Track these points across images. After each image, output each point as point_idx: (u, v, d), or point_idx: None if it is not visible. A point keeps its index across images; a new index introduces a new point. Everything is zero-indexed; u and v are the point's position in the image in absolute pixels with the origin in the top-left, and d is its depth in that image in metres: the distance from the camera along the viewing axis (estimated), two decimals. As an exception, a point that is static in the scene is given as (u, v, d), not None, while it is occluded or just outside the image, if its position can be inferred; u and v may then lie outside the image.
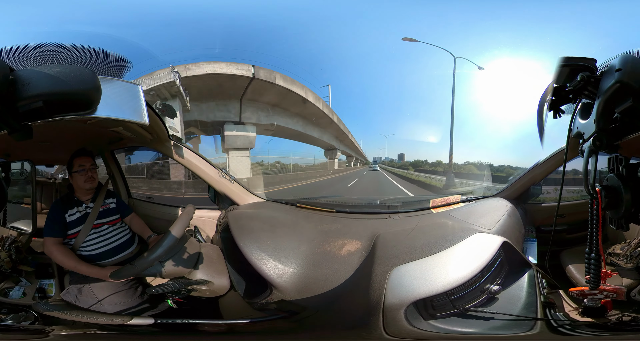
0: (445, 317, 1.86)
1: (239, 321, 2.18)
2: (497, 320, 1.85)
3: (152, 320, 2.12)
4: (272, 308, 2.07)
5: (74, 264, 2.34)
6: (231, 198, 2.95)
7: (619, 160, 1.52)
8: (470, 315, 1.88)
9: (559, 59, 1.51)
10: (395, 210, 3.01)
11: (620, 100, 1.26)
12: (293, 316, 2.06)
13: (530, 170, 3.07)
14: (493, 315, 1.87)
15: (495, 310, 1.89)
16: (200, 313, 2.29)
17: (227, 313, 2.29)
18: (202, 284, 2.12)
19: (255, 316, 2.11)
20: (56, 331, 2.07)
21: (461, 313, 1.88)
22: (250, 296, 2.14)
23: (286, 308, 2.05)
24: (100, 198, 2.57)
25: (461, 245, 2.18)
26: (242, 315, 2.16)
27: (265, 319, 2.10)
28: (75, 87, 1.24)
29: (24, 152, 2.75)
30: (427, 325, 1.82)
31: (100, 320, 2.16)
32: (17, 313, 2.26)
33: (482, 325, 1.85)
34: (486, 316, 1.87)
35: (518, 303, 1.96)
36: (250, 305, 2.13)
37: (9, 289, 2.70)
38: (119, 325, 2.13)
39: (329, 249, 2.30)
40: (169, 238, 2.02)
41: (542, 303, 1.94)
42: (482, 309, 1.91)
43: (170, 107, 2.68)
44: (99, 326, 2.15)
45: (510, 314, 1.87)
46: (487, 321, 1.86)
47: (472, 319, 1.87)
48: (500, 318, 1.86)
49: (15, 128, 1.22)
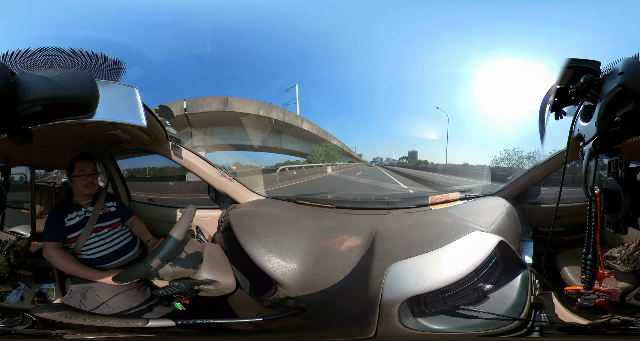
0: (433, 315, 1.88)
1: (253, 319, 2.17)
2: (482, 319, 1.87)
3: (171, 322, 2.10)
4: (281, 305, 2.08)
5: (75, 268, 2.33)
6: (232, 196, 2.96)
7: (619, 163, 1.51)
8: (457, 313, 1.89)
9: (564, 60, 1.50)
10: (394, 206, 3.01)
11: (621, 103, 1.26)
12: (301, 312, 2.07)
13: (529, 170, 3.07)
14: (477, 314, 1.88)
15: (482, 309, 1.90)
16: (213, 312, 2.28)
17: (239, 312, 2.29)
18: (209, 284, 2.12)
19: (266, 314, 2.12)
20: (69, 335, 2.05)
21: (449, 311, 1.89)
22: (257, 294, 2.16)
23: (294, 305, 2.07)
24: (100, 202, 2.55)
25: (458, 243, 2.18)
26: (254, 313, 2.17)
27: (277, 316, 2.10)
28: (74, 91, 1.25)
29: (23, 156, 2.74)
30: (415, 322, 1.83)
31: (115, 323, 2.13)
32: (12, 317, 2.20)
33: (466, 323, 1.87)
34: (470, 315, 1.89)
35: (507, 302, 1.97)
36: (259, 302, 2.15)
37: (6, 293, 2.66)
38: (137, 327, 2.11)
39: (329, 245, 2.31)
40: (171, 239, 2.02)
41: (530, 303, 1.95)
42: (471, 307, 1.92)
43: (167, 109, 2.68)
44: (112, 329, 2.12)
45: (493, 313, 1.89)
46: (469, 320, 1.87)
47: (457, 317, 1.88)
48: (484, 317, 1.87)
49: (15, 132, 1.23)
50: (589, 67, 1.45)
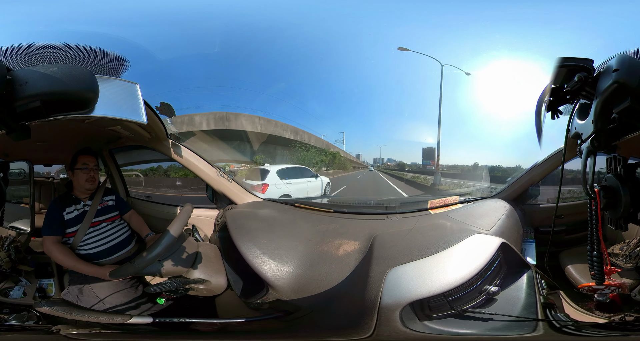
0: (441, 318, 1.85)
1: (233, 320, 2.17)
2: (497, 321, 1.84)
3: (150, 319, 2.10)
4: (267, 307, 2.07)
5: (73, 263, 2.34)
6: (229, 197, 2.95)
7: (618, 160, 1.52)
8: (468, 316, 1.87)
9: (556, 59, 1.50)
10: (393, 211, 3.00)
11: (618, 100, 1.26)
12: (287, 315, 2.06)
13: (528, 171, 3.07)
14: (492, 316, 1.86)
15: (495, 311, 1.88)
16: (198, 312, 2.28)
17: (223, 312, 2.28)
18: (200, 283, 2.11)
19: (250, 316, 2.11)
20: (62, 331, 2.07)
21: (458, 314, 1.87)
22: (247, 296, 2.14)
23: (281, 308, 2.05)
24: (98, 196, 2.56)
25: (459, 246, 2.17)
26: (238, 314, 2.16)
27: (259, 318, 2.09)
28: (73, 87, 1.25)
29: (22, 151, 2.75)
30: (422, 326, 1.81)
31: (101, 319, 2.15)
32: (20, 313, 2.27)
33: (481, 325, 1.84)
34: (485, 317, 1.86)
35: (517, 304, 1.95)
36: (246, 304, 2.13)
37: (9, 289, 2.69)
38: (119, 324, 2.11)
39: (326, 249, 2.29)
40: (167, 237, 2.00)
41: (542, 304, 1.93)
42: (481, 310, 1.90)
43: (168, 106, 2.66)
44: (102, 325, 2.15)
45: (511, 315, 1.86)
46: (485, 322, 1.85)
47: (470, 320, 1.86)
48: (500, 319, 1.85)
49: (13, 128, 1.23)
50: (582, 65, 1.46)
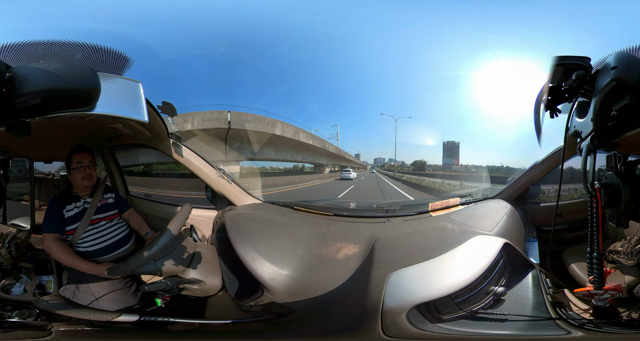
0: (454, 320, 1.85)
1: (217, 321, 2.19)
2: (512, 322, 1.84)
3: (136, 317, 2.13)
4: (259, 310, 2.07)
5: (72, 260, 2.33)
6: (228, 198, 2.95)
7: (618, 157, 1.51)
8: (480, 317, 1.87)
9: (553, 58, 1.50)
10: (393, 214, 3.00)
11: (617, 97, 1.26)
12: (278, 318, 2.05)
13: (528, 170, 3.07)
14: (506, 317, 1.85)
15: (506, 312, 1.88)
16: (186, 312, 2.28)
17: (213, 314, 2.28)
18: (194, 283, 2.11)
19: (239, 317, 2.11)
20: (55, 327, 2.09)
21: (470, 316, 1.87)
22: (241, 297, 2.13)
23: (274, 310, 2.05)
24: (98, 194, 2.55)
25: (462, 248, 2.17)
26: (228, 316, 2.16)
27: (245, 320, 2.11)
28: (74, 84, 1.25)
29: (22, 148, 2.76)
30: (437, 328, 1.81)
31: (92, 316, 2.17)
32: (21, 310, 2.29)
33: (497, 326, 1.84)
34: (499, 318, 1.86)
35: (526, 304, 1.94)
36: (238, 306, 2.13)
37: (11, 286, 2.71)
38: (106, 321, 2.15)
39: (325, 252, 2.29)
40: (165, 235, 2.01)
41: (550, 303, 1.92)
42: (491, 311, 1.90)
43: (170, 105, 2.66)
44: (94, 323, 2.16)
45: (526, 315, 1.86)
46: (502, 323, 1.85)
47: (484, 321, 1.86)
48: (514, 319, 1.84)
49: (13, 125, 1.22)
50: (579, 63, 1.46)
